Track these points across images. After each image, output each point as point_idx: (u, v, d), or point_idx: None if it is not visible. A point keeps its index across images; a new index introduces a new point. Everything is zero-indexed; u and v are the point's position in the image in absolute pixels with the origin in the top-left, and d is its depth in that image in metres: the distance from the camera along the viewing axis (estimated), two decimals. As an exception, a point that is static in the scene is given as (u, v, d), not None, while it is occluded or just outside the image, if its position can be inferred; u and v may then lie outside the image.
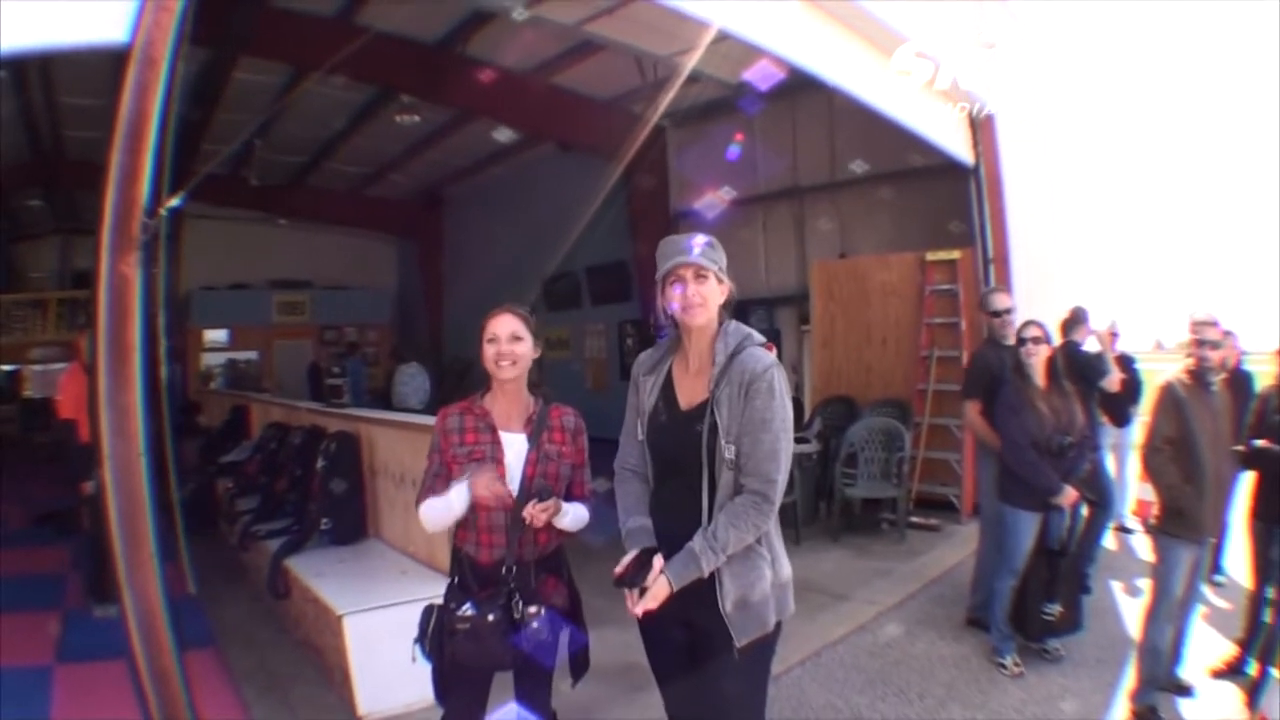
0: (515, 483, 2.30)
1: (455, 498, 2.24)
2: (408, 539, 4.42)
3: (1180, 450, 3.33)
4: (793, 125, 8.98)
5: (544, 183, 12.24)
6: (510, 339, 2.30)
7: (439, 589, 2.43)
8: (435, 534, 3.82)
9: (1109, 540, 5.75)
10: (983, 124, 6.82)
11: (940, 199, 7.38)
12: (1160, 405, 3.42)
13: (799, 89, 7.72)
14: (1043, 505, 3.82)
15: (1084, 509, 4.30)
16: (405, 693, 3.41)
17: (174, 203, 3.00)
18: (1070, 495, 3.79)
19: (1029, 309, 4.47)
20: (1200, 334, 3.38)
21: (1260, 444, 3.56)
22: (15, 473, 9.69)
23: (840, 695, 3.69)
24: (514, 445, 2.33)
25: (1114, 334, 5.24)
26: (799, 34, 5.19)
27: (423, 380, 9.15)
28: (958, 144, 6.78)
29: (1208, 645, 3.98)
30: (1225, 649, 3.94)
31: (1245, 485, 3.79)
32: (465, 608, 2.22)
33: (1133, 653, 3.63)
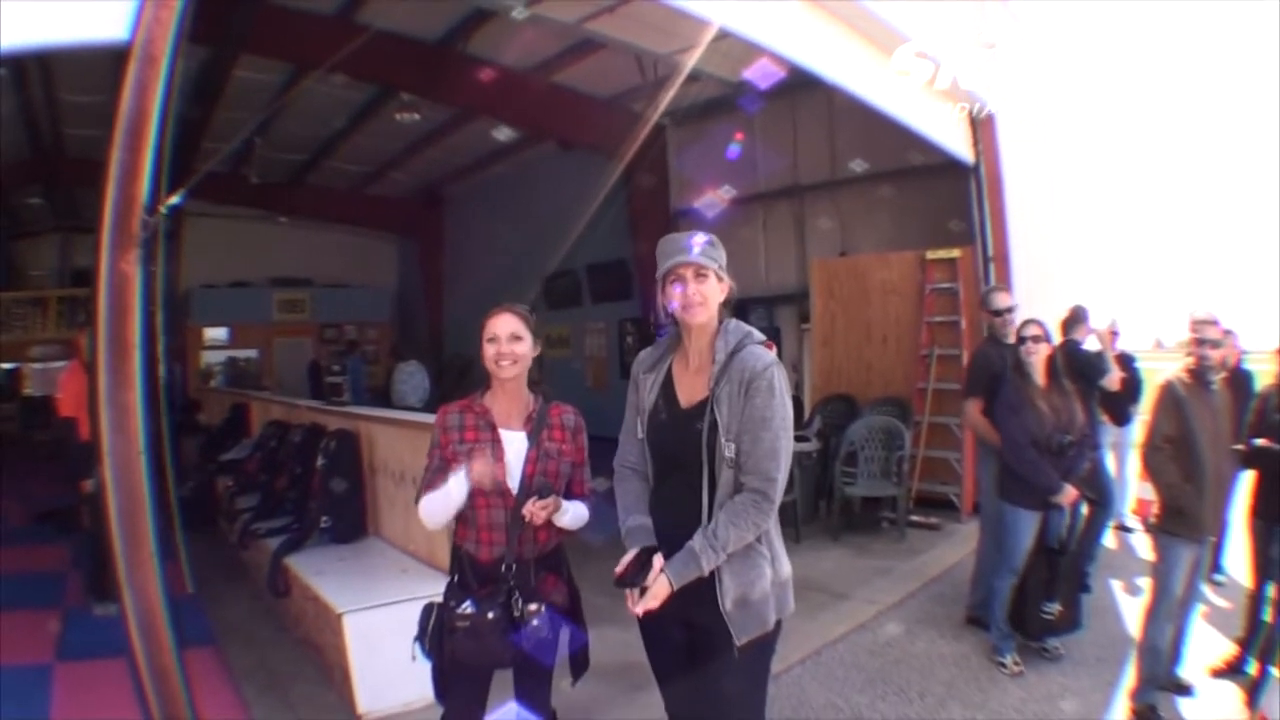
0: (515, 481, 2.30)
1: (454, 486, 2.23)
2: (408, 537, 4.42)
3: (1180, 449, 3.33)
4: (793, 124, 8.97)
5: (544, 181, 12.24)
6: (510, 338, 2.30)
7: (439, 587, 2.43)
8: (435, 532, 3.83)
9: (1109, 539, 5.75)
10: (983, 123, 6.82)
11: (940, 197, 7.38)
12: (1160, 404, 3.42)
13: (799, 88, 7.73)
14: (1043, 504, 3.81)
15: (1084, 508, 4.30)
16: (405, 691, 3.41)
17: (174, 200, 3.00)
18: (1070, 494, 3.79)
19: (1029, 308, 4.46)
20: (1200, 333, 3.38)
21: (1260, 443, 3.56)
22: (15, 471, 9.69)
23: (840, 694, 3.69)
24: (514, 443, 2.32)
25: (1114, 333, 5.24)
26: (799, 33, 5.19)
27: (422, 378, 9.17)
28: (958, 143, 6.77)
29: (1208, 644, 3.98)
30: (1225, 648, 3.95)
31: (1245, 484, 3.79)
32: (465, 606, 2.22)
33: (1133, 651, 3.63)
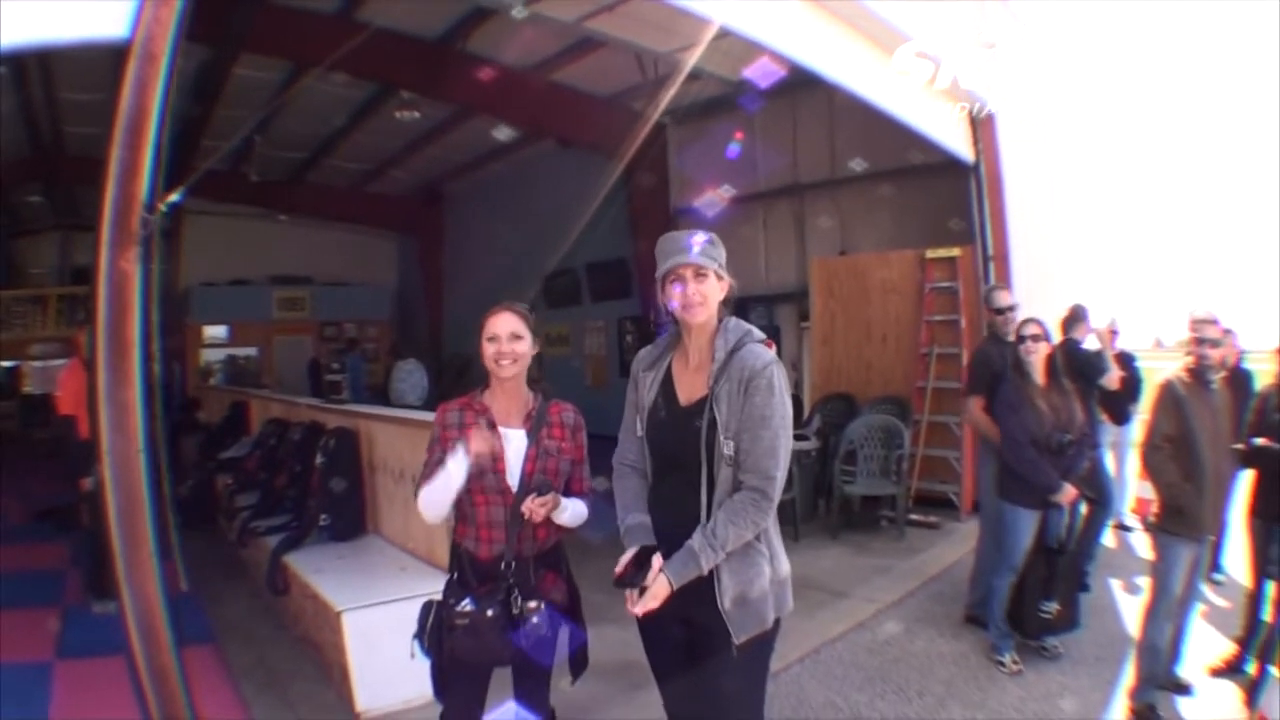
0: (514, 479, 2.30)
1: (453, 466, 2.23)
2: (407, 535, 4.42)
3: (1180, 448, 3.33)
4: (793, 123, 8.97)
5: (544, 179, 12.23)
6: (510, 337, 2.30)
7: (438, 585, 2.43)
8: (434, 530, 3.85)
9: (1108, 538, 5.76)
10: (983, 122, 6.82)
11: (940, 196, 7.38)
12: (1160, 403, 3.42)
13: (799, 86, 7.73)
14: (1042, 503, 3.81)
15: (1083, 507, 4.30)
16: (404, 689, 3.42)
17: (174, 198, 2.99)
18: (1069, 493, 3.79)
19: (1028, 307, 4.47)
20: (1200, 332, 3.38)
21: (1260, 442, 3.56)
22: (15, 469, 9.69)
23: (839, 693, 3.69)
24: (513, 441, 2.32)
25: (1113, 332, 5.24)
26: (800, 31, 5.18)
27: (420, 377, 9.17)
28: (958, 141, 6.77)
29: (1207, 643, 3.99)
30: (1224, 647, 3.95)
31: (1245, 483, 3.79)
32: (464, 603, 2.22)
33: (1132, 651, 3.63)
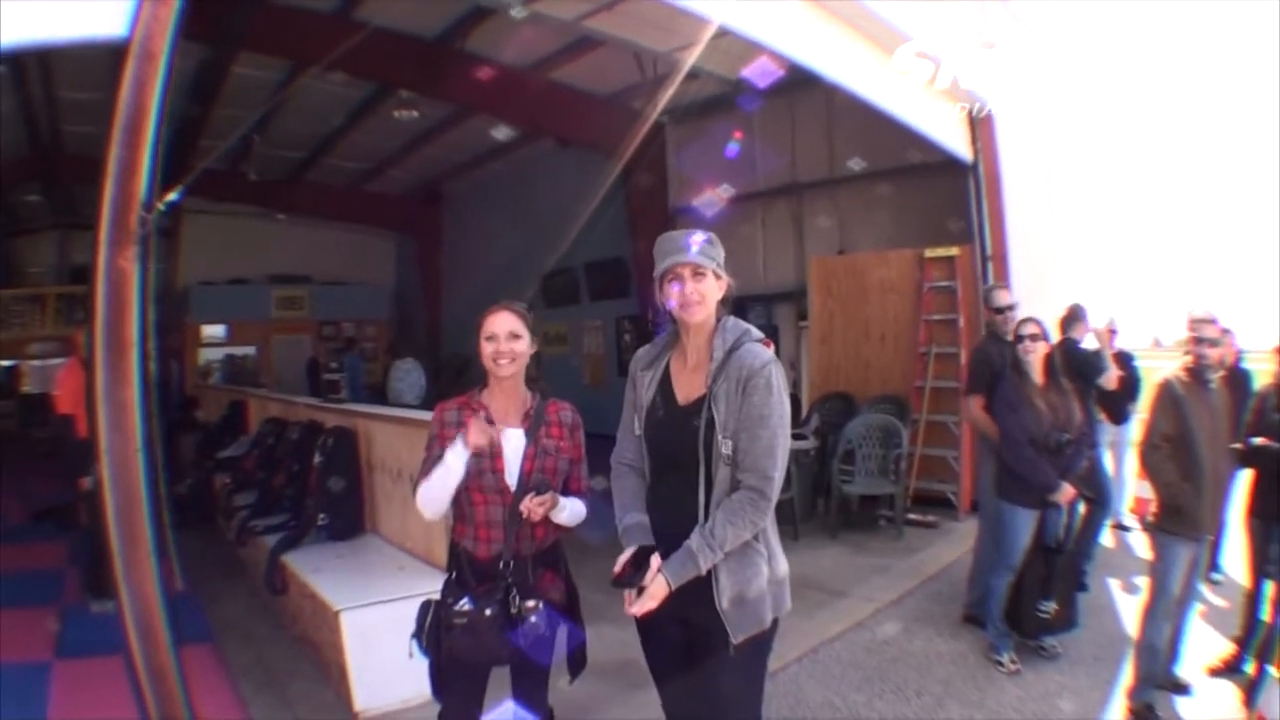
0: (513, 478, 2.30)
1: (452, 458, 2.23)
2: (405, 534, 4.42)
3: (1178, 448, 3.33)
4: (792, 122, 8.97)
5: (543, 179, 12.22)
6: (509, 337, 2.30)
7: (436, 584, 2.43)
8: (432, 529, 3.85)
9: (1107, 538, 5.76)
10: (982, 121, 6.82)
11: (939, 196, 7.38)
12: (1158, 403, 3.42)
13: (798, 86, 7.72)
14: (1040, 502, 3.81)
15: (1081, 506, 4.31)
16: (402, 688, 3.41)
17: (172, 197, 2.99)
18: (1068, 492, 3.79)
19: (1027, 306, 4.48)
20: (1198, 331, 3.38)
21: (1258, 442, 3.56)
22: (14, 468, 9.66)
23: (837, 692, 3.69)
24: (511, 440, 2.32)
25: (1112, 331, 5.24)
26: (799, 31, 5.18)
27: (418, 376, 9.16)
28: (956, 141, 6.77)
29: (1205, 643, 3.99)
30: (1223, 647, 3.95)
31: (1243, 483, 3.79)
32: (463, 603, 2.22)
33: (1130, 650, 3.64)
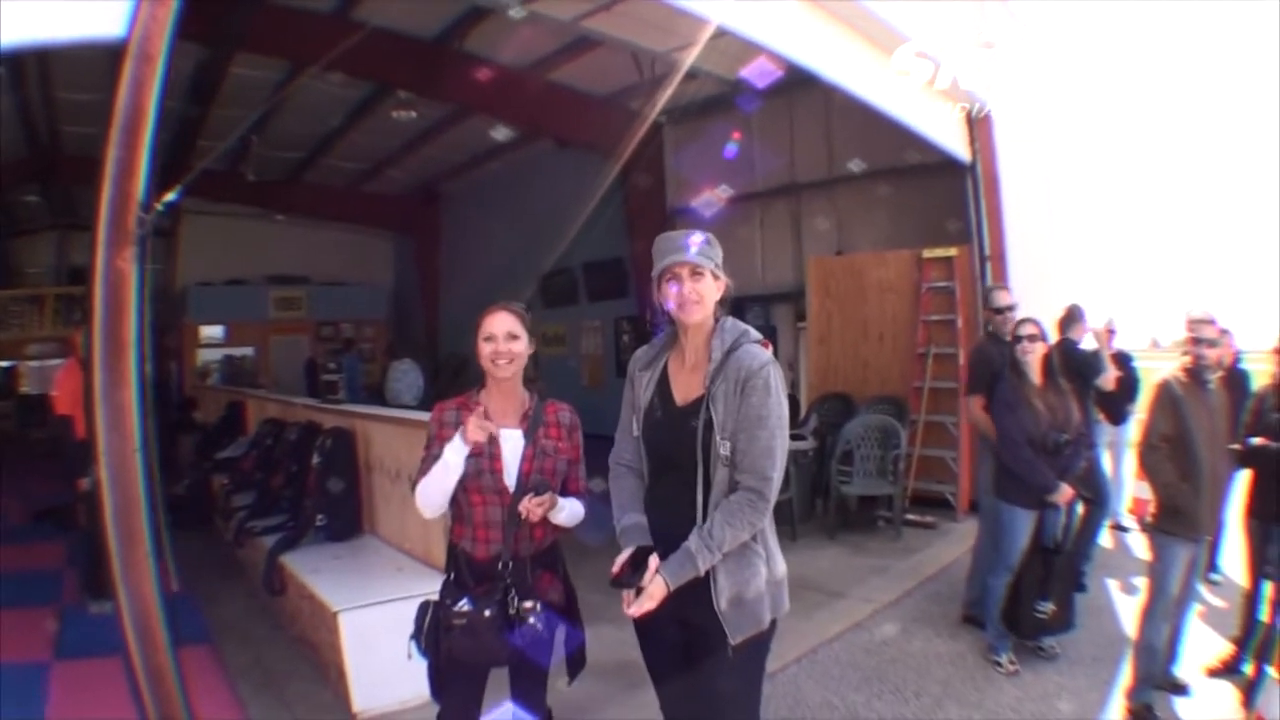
0: (511, 479, 2.29)
1: (450, 454, 2.23)
2: (403, 535, 4.42)
3: (1177, 448, 3.33)
4: (790, 122, 8.97)
5: (541, 179, 12.21)
6: (507, 337, 2.30)
7: (435, 585, 2.43)
8: (431, 530, 3.85)
9: (1105, 538, 5.76)
10: (980, 122, 6.82)
11: (937, 196, 7.38)
12: (1157, 403, 3.42)
13: (797, 86, 7.71)
14: (1038, 503, 3.81)
15: (1080, 507, 4.30)
16: (401, 689, 3.41)
17: (170, 197, 2.99)
18: (1066, 493, 3.79)
19: (1025, 307, 4.48)
20: (1197, 332, 3.39)
21: (1257, 442, 3.56)
22: (12, 469, 9.66)
23: (836, 693, 3.69)
24: (510, 441, 2.32)
25: (1110, 331, 5.24)
26: (797, 31, 5.18)
27: (415, 376, 9.15)
28: (955, 141, 6.77)
29: (1204, 644, 3.99)
30: (1221, 648, 3.95)
31: (1241, 483, 3.79)
32: (462, 603, 2.22)
33: (1129, 651, 3.64)
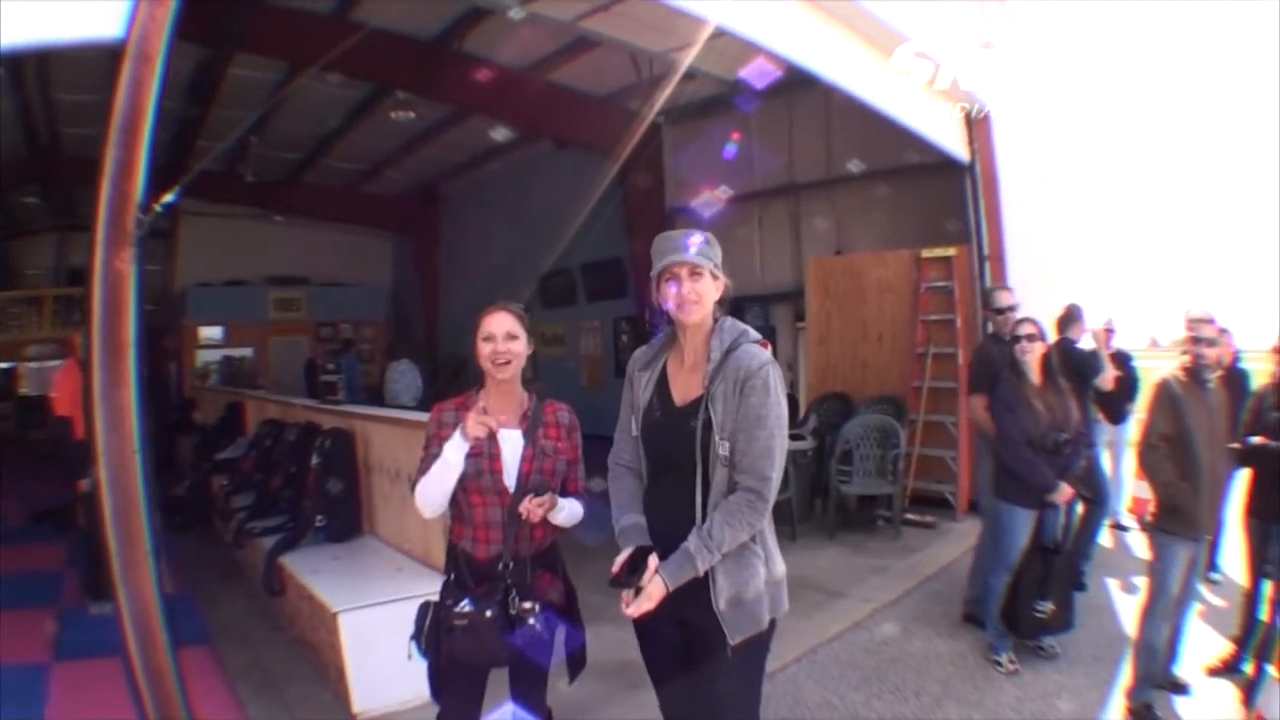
0: (511, 479, 2.30)
1: (450, 451, 2.23)
2: (403, 536, 4.41)
3: (1176, 447, 3.33)
4: (789, 122, 8.95)
5: (540, 179, 12.21)
6: (506, 337, 2.30)
7: (434, 586, 2.43)
8: (431, 530, 3.85)
9: (1105, 538, 5.76)
10: (979, 122, 6.82)
11: (936, 196, 7.38)
12: (1156, 402, 3.42)
13: (795, 86, 7.71)
14: (1038, 502, 3.82)
15: (1079, 506, 4.30)
16: (401, 690, 3.41)
17: (169, 198, 2.98)
18: (1065, 492, 3.79)
19: (1024, 306, 4.48)
20: (1196, 331, 3.39)
21: (1256, 441, 3.57)
22: (12, 470, 9.65)
23: (836, 693, 3.69)
24: (509, 441, 2.32)
25: (1109, 331, 5.26)
26: (796, 31, 5.18)
27: (414, 377, 9.14)
28: (954, 141, 6.77)
29: (1204, 643, 3.99)
30: (1221, 647, 3.96)
31: (1241, 482, 3.79)
32: (462, 604, 2.22)
33: (1129, 650, 3.64)
